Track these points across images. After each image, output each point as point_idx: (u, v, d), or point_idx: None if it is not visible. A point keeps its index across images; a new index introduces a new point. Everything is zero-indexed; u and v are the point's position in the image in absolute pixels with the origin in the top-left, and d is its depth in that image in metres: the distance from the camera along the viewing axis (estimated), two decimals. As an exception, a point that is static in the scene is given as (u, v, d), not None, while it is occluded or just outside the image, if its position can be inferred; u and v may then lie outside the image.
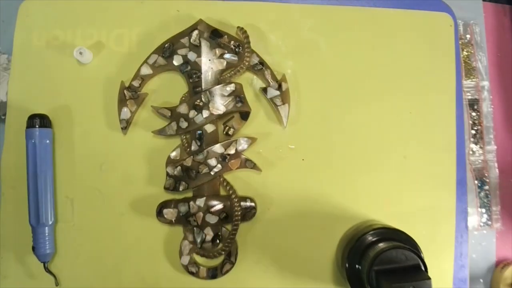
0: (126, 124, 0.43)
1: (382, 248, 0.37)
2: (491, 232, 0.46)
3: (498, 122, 0.48)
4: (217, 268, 0.41)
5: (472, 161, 0.47)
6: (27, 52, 0.44)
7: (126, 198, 0.42)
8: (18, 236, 0.41)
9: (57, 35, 0.44)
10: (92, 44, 0.44)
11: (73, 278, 0.42)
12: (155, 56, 0.44)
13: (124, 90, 0.43)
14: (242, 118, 0.43)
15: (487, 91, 0.48)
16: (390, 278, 0.35)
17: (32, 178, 0.41)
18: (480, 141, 0.47)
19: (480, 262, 0.46)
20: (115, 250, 0.42)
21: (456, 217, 0.44)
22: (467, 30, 0.50)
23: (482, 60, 0.49)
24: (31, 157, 0.41)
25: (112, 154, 0.43)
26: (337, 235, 0.43)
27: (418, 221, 0.43)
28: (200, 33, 0.44)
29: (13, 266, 0.41)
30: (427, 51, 0.46)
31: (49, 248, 0.41)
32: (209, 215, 0.41)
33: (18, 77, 0.44)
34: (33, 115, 0.42)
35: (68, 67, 0.44)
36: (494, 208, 0.46)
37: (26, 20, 0.45)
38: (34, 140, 0.41)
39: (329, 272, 0.43)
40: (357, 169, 0.44)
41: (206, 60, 0.43)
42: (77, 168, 0.43)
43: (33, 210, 0.40)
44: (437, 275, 0.38)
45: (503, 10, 0.51)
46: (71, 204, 0.42)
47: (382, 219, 0.43)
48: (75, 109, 0.44)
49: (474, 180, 0.47)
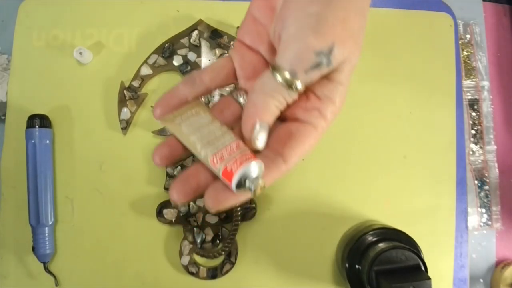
0: (126, 124, 0.43)
1: (382, 248, 0.37)
2: (491, 232, 0.46)
3: (498, 122, 0.48)
4: (217, 268, 0.41)
5: (472, 161, 0.47)
6: (27, 52, 0.44)
7: (126, 198, 0.42)
8: (18, 236, 0.41)
9: (57, 35, 0.44)
10: (92, 44, 0.44)
11: (73, 278, 0.42)
12: (155, 56, 0.44)
13: (124, 90, 0.43)
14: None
15: (487, 91, 0.48)
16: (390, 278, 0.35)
17: (32, 178, 0.41)
18: (480, 141, 0.47)
19: (480, 262, 0.46)
20: (115, 250, 0.42)
21: (456, 217, 0.44)
22: (467, 30, 0.49)
23: (482, 60, 0.49)
24: (31, 157, 0.41)
25: (112, 154, 0.43)
26: (337, 235, 0.43)
27: (418, 221, 0.43)
28: (200, 33, 0.44)
29: (13, 266, 0.41)
30: (427, 51, 0.46)
31: (49, 248, 0.41)
32: (209, 215, 0.41)
33: (18, 77, 0.44)
34: (33, 115, 0.42)
35: (68, 67, 0.44)
36: (494, 208, 0.46)
37: (26, 20, 0.45)
38: (34, 140, 0.41)
39: (329, 272, 0.43)
40: (357, 169, 0.44)
41: (206, 60, 0.43)
42: (77, 168, 0.43)
43: (33, 210, 0.40)
44: (437, 275, 0.38)
45: (503, 10, 0.51)
46: (71, 204, 0.42)
47: (382, 219, 0.43)
48: (75, 109, 0.44)
49: (474, 180, 0.47)
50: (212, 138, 0.25)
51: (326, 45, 0.23)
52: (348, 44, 0.24)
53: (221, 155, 0.24)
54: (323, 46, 0.23)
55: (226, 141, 0.25)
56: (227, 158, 0.24)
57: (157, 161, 0.26)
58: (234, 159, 0.24)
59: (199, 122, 0.26)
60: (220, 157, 0.24)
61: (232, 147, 0.25)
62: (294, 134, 0.26)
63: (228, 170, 0.24)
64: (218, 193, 0.25)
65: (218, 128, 0.26)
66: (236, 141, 0.25)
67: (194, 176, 0.26)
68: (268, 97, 0.25)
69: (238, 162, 0.24)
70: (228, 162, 0.24)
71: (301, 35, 0.23)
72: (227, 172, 0.24)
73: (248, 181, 0.24)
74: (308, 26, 0.23)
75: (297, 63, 0.23)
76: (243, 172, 0.24)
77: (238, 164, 0.24)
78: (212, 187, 0.25)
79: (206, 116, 0.27)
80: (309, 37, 0.23)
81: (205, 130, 0.26)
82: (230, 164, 0.24)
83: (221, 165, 0.24)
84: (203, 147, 0.25)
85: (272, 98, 0.25)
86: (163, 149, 0.26)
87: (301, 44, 0.23)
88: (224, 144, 0.25)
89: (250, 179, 0.24)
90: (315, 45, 0.23)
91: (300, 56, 0.23)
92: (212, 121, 0.26)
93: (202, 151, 0.25)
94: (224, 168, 0.24)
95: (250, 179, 0.24)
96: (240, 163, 0.24)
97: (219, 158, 0.24)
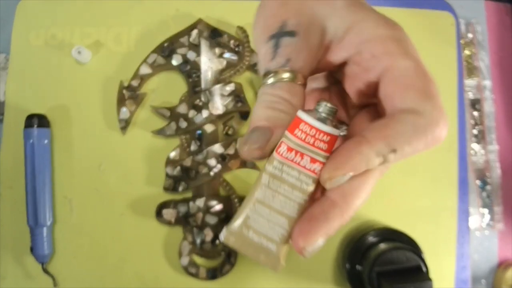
0: (125, 124, 0.42)
1: (383, 249, 0.37)
2: (493, 233, 0.46)
3: (500, 121, 0.48)
4: (216, 268, 0.41)
5: (473, 161, 0.47)
6: (25, 51, 0.44)
7: (125, 199, 0.42)
8: (16, 236, 0.41)
9: (55, 34, 0.44)
10: (90, 43, 0.44)
11: (71, 279, 0.41)
12: (154, 55, 0.43)
13: (123, 89, 0.43)
14: (242, 118, 0.43)
15: (489, 90, 0.48)
16: (391, 279, 0.34)
17: (30, 178, 0.41)
18: (482, 141, 0.47)
19: (482, 263, 0.45)
20: (114, 250, 0.42)
21: (458, 217, 0.44)
22: (468, 29, 0.49)
23: (484, 59, 0.49)
24: (29, 157, 0.41)
25: (111, 154, 0.43)
26: (337, 235, 0.43)
27: (420, 222, 0.43)
28: (200, 32, 0.43)
29: (11, 267, 0.41)
30: (428, 50, 0.46)
31: (48, 249, 0.40)
32: (209, 215, 0.41)
33: (16, 77, 0.44)
34: (31, 115, 0.41)
35: (66, 66, 0.44)
36: (496, 208, 0.46)
37: (24, 19, 0.44)
38: (32, 140, 0.41)
39: (330, 272, 0.42)
40: (358, 169, 0.44)
41: (205, 59, 0.43)
42: (76, 168, 0.43)
43: (31, 210, 0.40)
44: (438, 276, 0.38)
45: (505, 9, 0.51)
46: (70, 204, 0.42)
47: (383, 220, 0.43)
48: (73, 109, 0.43)
49: (475, 180, 0.46)
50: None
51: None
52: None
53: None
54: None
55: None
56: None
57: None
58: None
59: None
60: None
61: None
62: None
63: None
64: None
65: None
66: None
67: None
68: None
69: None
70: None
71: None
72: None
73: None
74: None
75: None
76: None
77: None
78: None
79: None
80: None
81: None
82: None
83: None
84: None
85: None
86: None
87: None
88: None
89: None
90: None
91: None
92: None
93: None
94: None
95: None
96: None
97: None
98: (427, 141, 0.21)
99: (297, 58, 0.22)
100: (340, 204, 0.22)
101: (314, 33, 0.23)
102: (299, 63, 0.22)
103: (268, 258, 0.22)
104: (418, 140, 0.21)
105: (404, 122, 0.21)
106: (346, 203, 0.22)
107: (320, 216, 0.21)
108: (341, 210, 0.22)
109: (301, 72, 0.23)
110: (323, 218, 0.21)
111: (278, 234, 0.22)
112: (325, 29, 0.23)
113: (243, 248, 0.22)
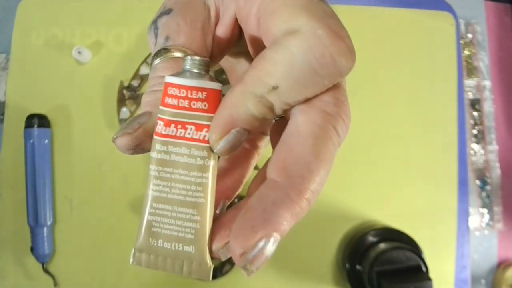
0: (125, 124, 0.42)
1: (383, 248, 0.37)
2: (493, 233, 0.46)
3: (500, 121, 0.48)
4: (216, 268, 0.41)
5: (473, 161, 0.47)
6: (25, 51, 0.44)
7: (126, 198, 0.42)
8: (17, 236, 0.41)
9: (55, 34, 0.44)
10: (90, 43, 0.44)
11: (71, 279, 0.41)
12: (154, 55, 0.43)
13: (123, 89, 0.43)
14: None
15: (489, 90, 0.48)
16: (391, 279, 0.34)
17: (31, 178, 0.41)
18: (482, 141, 0.47)
19: (481, 262, 0.45)
20: (114, 250, 0.42)
21: (458, 217, 0.44)
22: (468, 29, 0.49)
23: (484, 60, 0.49)
24: (30, 157, 0.41)
25: (111, 154, 0.43)
26: (337, 235, 0.43)
27: (419, 222, 0.43)
28: (200, 32, 0.43)
29: (12, 267, 0.41)
30: (428, 50, 0.46)
31: (48, 249, 0.40)
32: (209, 215, 0.41)
33: (16, 77, 0.44)
34: (32, 115, 0.41)
35: (66, 66, 0.44)
36: (495, 208, 0.46)
37: (25, 19, 0.44)
38: (33, 140, 0.41)
39: (330, 272, 0.42)
40: (358, 169, 0.44)
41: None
42: (76, 168, 0.43)
43: (32, 210, 0.40)
44: (438, 276, 0.38)
45: (504, 9, 0.51)
46: (70, 204, 0.42)
47: (383, 220, 0.43)
48: (73, 109, 0.43)
49: (475, 180, 0.46)
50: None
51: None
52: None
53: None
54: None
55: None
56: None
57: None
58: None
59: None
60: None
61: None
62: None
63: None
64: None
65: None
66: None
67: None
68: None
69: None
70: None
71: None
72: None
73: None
74: None
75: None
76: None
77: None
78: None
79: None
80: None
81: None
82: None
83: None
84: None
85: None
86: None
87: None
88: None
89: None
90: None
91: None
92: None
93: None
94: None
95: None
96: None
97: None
98: (312, 67, 0.15)
99: (177, 35, 0.20)
100: (282, 182, 0.16)
101: (194, 6, 0.20)
102: (181, 39, 0.20)
103: (192, 265, 0.19)
104: (299, 68, 0.15)
105: (277, 50, 0.16)
106: (289, 178, 0.16)
107: (257, 205, 0.16)
108: (285, 191, 0.16)
109: (189, 48, 0.20)
110: (260, 207, 0.16)
111: (191, 231, 0.18)
112: (205, 1, 0.21)
113: (159, 265, 0.19)
